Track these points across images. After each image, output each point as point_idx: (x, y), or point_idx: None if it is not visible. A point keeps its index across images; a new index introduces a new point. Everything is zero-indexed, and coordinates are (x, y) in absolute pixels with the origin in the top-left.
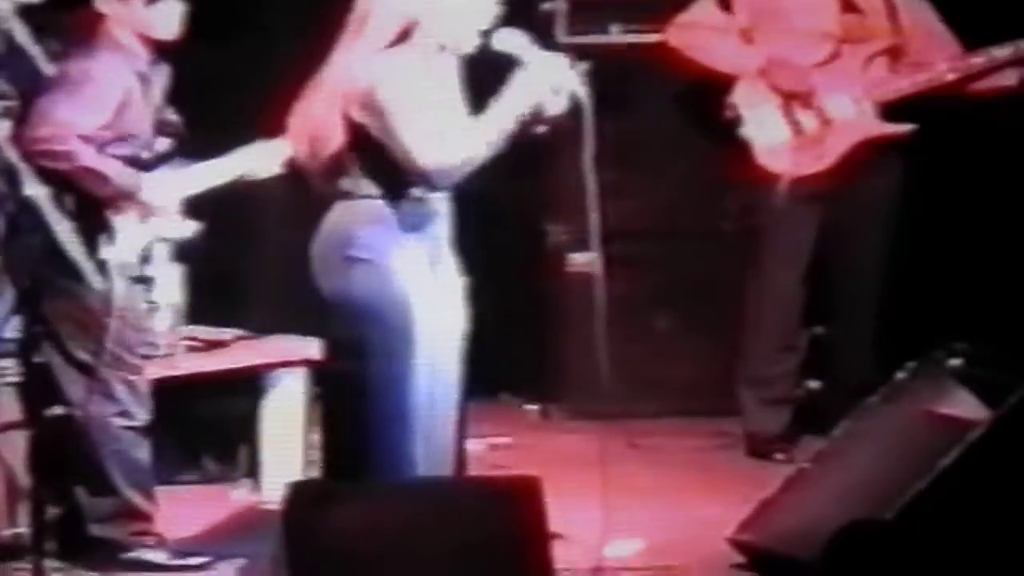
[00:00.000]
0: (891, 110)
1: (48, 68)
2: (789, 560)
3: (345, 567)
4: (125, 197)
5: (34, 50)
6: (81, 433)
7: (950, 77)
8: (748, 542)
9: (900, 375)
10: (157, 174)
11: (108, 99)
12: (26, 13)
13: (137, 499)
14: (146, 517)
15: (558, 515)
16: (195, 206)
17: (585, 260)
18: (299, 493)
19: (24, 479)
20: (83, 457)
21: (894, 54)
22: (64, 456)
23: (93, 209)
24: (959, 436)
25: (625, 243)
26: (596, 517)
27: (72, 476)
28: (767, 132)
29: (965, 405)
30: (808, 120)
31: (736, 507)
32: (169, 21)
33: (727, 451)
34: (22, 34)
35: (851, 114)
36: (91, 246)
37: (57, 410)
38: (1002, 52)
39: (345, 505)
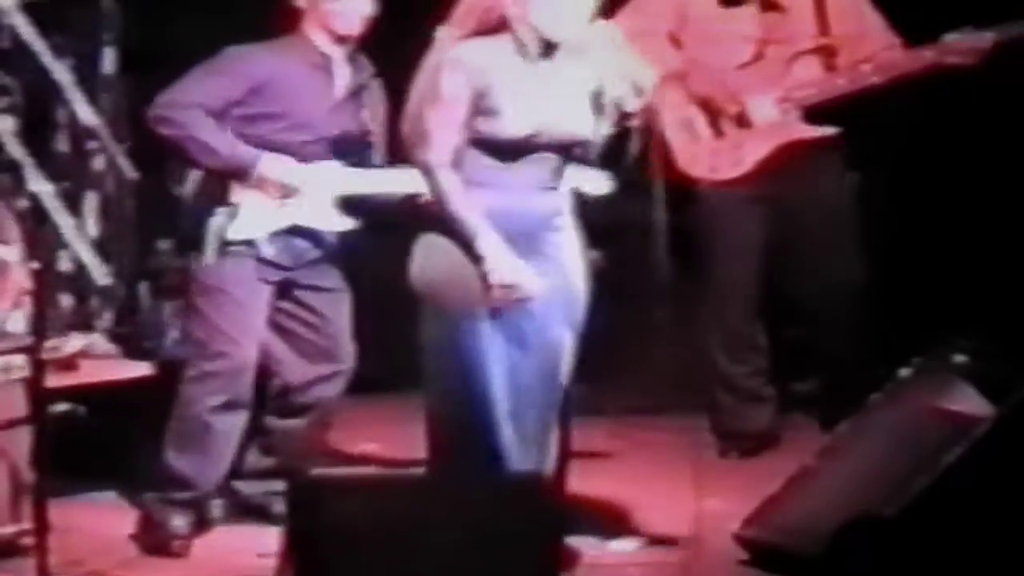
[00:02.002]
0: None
1: (52, 63)
2: (794, 555)
3: (351, 562)
4: (237, 174)
5: (38, 45)
6: None
7: (874, 80)
8: (753, 537)
9: (904, 371)
10: (324, 165)
11: (243, 77)
12: (30, 9)
13: None
14: None
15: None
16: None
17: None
18: (303, 488)
19: (28, 475)
20: None
21: (826, 54)
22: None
23: (212, 184)
24: (964, 432)
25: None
26: (600, 511)
27: None
28: (686, 135)
29: (969, 401)
30: (728, 124)
31: (741, 502)
32: (351, 17)
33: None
34: (26, 30)
35: (773, 117)
36: (201, 221)
37: (62, 406)
38: (929, 53)
39: (350, 500)
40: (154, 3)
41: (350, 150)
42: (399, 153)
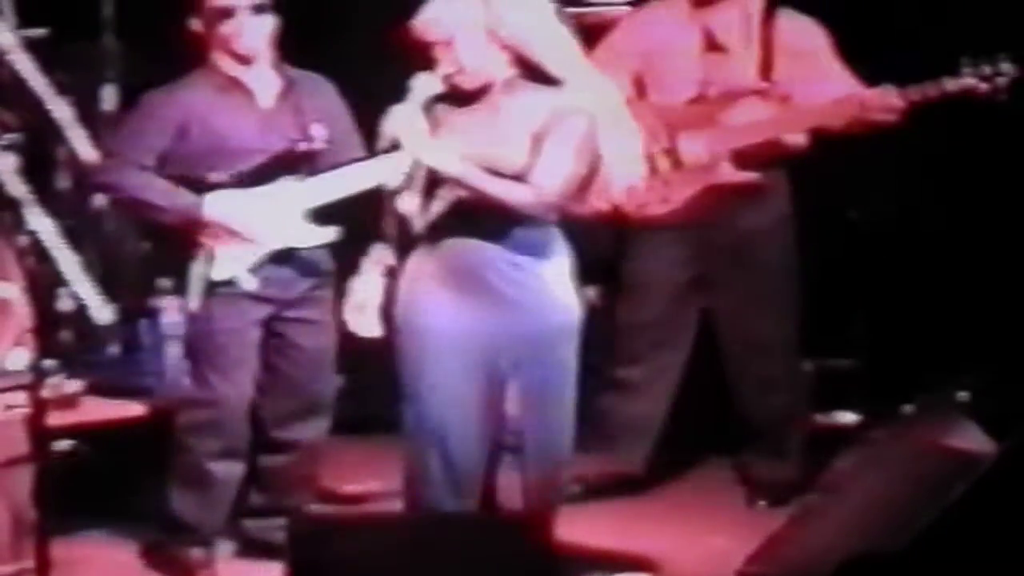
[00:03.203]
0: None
1: (53, 100)
2: None
3: None
4: (188, 223)
5: (39, 83)
6: None
7: (794, 129)
8: (757, 575)
9: (907, 408)
10: (278, 184)
11: (165, 122)
12: (31, 46)
13: None
14: None
15: (566, 546)
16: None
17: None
18: (303, 527)
19: (30, 513)
20: None
21: (777, 99)
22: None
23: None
24: (966, 469)
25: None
26: (606, 548)
27: None
28: (623, 168)
29: (972, 438)
30: (662, 161)
31: (745, 540)
32: (249, 36)
33: (734, 485)
34: (27, 67)
35: (702, 158)
36: (181, 268)
37: (63, 444)
38: (872, 95)
39: (349, 538)
40: (154, 40)
41: (299, 160)
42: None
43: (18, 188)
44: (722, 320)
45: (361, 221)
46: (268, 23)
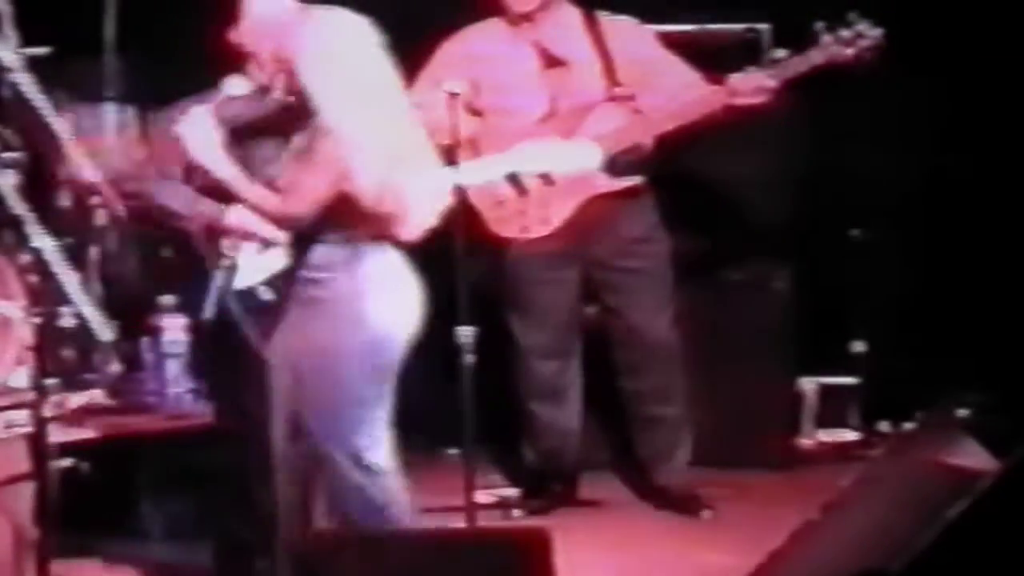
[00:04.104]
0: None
1: (54, 118)
2: None
3: None
4: (210, 230)
5: (41, 100)
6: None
7: (668, 126)
8: None
9: (908, 425)
10: None
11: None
12: (33, 63)
13: None
14: None
15: (565, 563)
16: None
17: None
18: (311, 543)
19: (31, 532)
20: None
21: (626, 102)
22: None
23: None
24: (968, 486)
25: None
26: (605, 564)
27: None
28: (489, 199)
29: (973, 455)
30: (531, 181)
31: (742, 556)
32: None
33: (734, 502)
34: (29, 85)
35: (572, 173)
36: (201, 280)
37: (65, 462)
38: (741, 80)
39: (356, 554)
40: (157, 58)
41: None
42: None
43: (19, 206)
44: (615, 330)
45: None
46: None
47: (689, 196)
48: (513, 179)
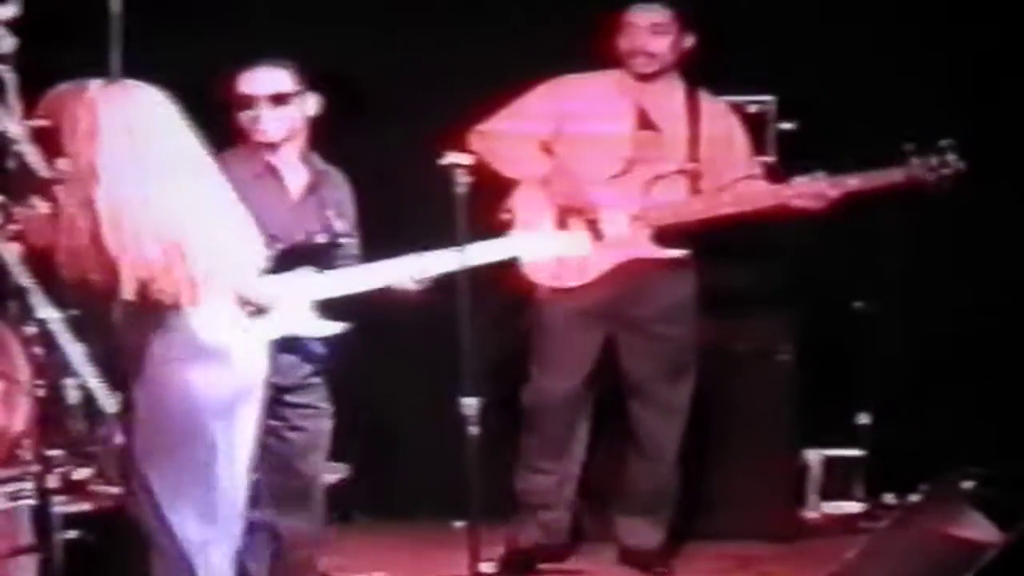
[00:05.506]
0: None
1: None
2: None
3: None
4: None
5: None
6: None
7: (729, 210)
8: None
9: (913, 497)
10: (295, 273)
11: None
12: (37, 134)
13: None
14: None
15: None
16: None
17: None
18: None
19: None
20: None
21: (691, 177)
22: None
23: None
24: (972, 558)
25: None
26: None
27: None
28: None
29: (978, 527)
30: (579, 234)
31: None
32: (273, 124)
33: (738, 574)
34: (33, 156)
35: (624, 232)
36: None
37: (69, 533)
38: (786, 191)
39: None
40: None
41: (319, 252)
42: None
43: (24, 277)
44: (630, 388)
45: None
46: (289, 114)
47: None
48: (561, 222)
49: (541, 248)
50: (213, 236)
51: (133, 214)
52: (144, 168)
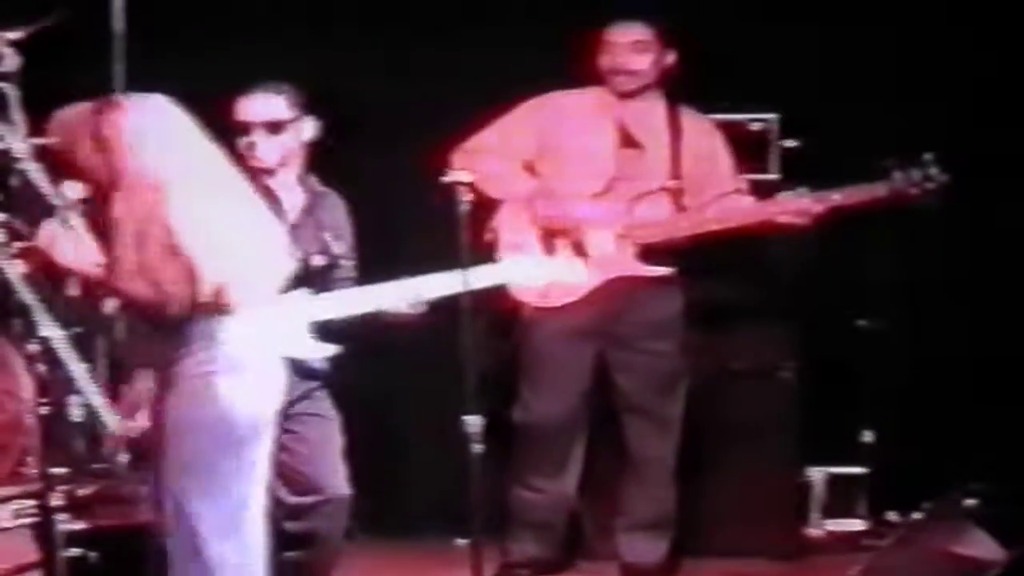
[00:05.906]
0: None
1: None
2: None
3: None
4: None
5: (49, 189)
6: None
7: (714, 227)
8: None
9: (917, 515)
10: (291, 295)
11: None
12: (41, 153)
13: None
14: None
15: None
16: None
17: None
18: None
19: None
20: None
21: (674, 194)
22: None
23: None
24: None
25: None
26: None
27: None
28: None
29: (981, 545)
30: (565, 252)
31: None
32: (265, 149)
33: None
34: (37, 174)
35: (609, 251)
36: None
37: (73, 551)
38: (769, 208)
39: None
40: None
41: (316, 274)
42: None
43: (27, 295)
44: (622, 404)
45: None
46: (284, 141)
47: (697, 285)
48: (546, 241)
49: (537, 274)
50: (250, 244)
51: (205, 220)
52: (187, 175)
